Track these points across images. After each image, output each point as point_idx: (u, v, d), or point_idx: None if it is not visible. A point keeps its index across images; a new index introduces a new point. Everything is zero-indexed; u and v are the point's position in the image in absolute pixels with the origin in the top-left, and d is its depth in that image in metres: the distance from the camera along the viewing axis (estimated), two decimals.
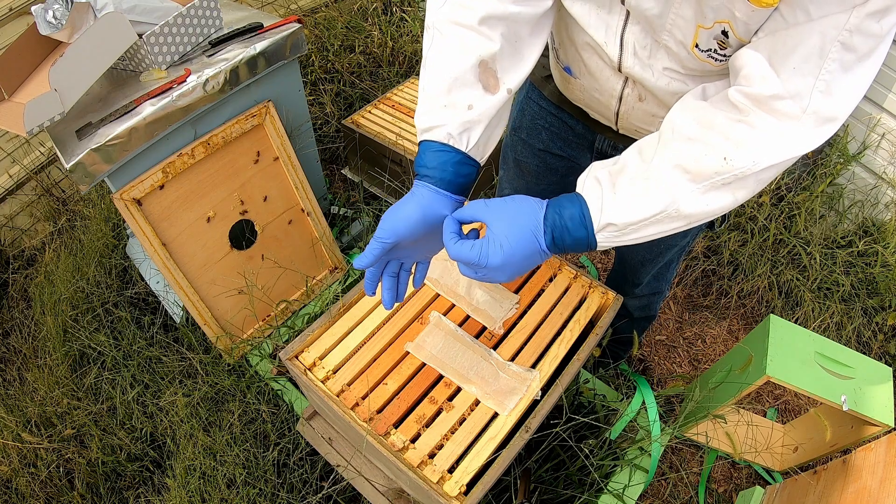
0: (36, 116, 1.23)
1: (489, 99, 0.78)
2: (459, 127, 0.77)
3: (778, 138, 0.65)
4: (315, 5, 2.77)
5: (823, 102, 0.63)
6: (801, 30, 0.61)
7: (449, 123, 0.76)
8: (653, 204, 0.71)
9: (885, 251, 1.97)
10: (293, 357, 1.06)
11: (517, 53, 0.80)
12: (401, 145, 1.97)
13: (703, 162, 0.68)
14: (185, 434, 1.51)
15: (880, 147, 2.04)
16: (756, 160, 0.66)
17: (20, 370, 1.86)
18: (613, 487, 1.35)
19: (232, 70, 1.44)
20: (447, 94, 0.77)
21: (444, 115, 0.77)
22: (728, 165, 0.67)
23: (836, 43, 0.60)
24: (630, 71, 0.82)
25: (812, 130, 0.64)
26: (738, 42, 0.69)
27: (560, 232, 0.75)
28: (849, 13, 0.58)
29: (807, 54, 0.61)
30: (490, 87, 0.78)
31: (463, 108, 0.77)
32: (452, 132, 0.77)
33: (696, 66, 0.76)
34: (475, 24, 0.76)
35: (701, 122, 0.69)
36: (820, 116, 0.64)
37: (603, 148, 1.13)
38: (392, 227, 0.78)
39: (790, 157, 0.66)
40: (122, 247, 1.96)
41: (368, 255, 0.79)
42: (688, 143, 0.69)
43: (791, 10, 0.61)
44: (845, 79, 0.62)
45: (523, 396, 0.99)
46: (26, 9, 1.88)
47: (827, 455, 1.52)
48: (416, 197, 0.78)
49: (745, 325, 2.12)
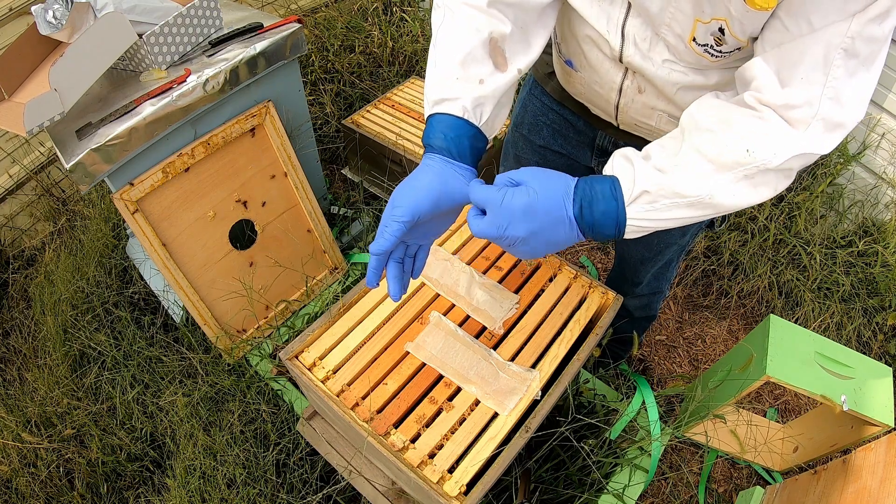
0: (36, 116, 1.22)
1: (499, 76, 0.79)
2: (473, 101, 0.76)
3: (793, 141, 0.67)
4: (315, 5, 2.77)
5: (833, 109, 0.64)
6: (805, 41, 0.63)
7: (463, 97, 0.76)
8: (689, 186, 0.70)
9: (885, 251, 1.97)
10: (293, 357, 1.06)
11: (525, 39, 0.82)
12: (401, 145, 1.97)
13: (725, 152, 0.68)
14: (185, 434, 1.51)
15: (880, 147, 2.04)
16: (776, 152, 0.66)
17: (20, 370, 1.86)
18: (613, 487, 1.35)
19: (232, 70, 1.44)
20: (460, 67, 0.76)
21: (458, 88, 0.76)
22: (750, 157, 0.67)
23: (840, 50, 0.61)
24: (631, 61, 0.84)
25: (823, 135, 0.66)
26: (735, 40, 0.71)
27: (589, 201, 0.72)
28: (849, 21, 0.60)
29: (813, 64, 0.63)
30: (499, 65, 0.79)
31: (475, 82, 0.77)
32: (467, 106, 0.76)
33: (694, 59, 0.79)
34: (484, 5, 0.77)
35: (720, 118, 0.70)
36: (830, 122, 0.65)
37: (604, 145, 1.13)
38: (412, 203, 0.73)
39: (804, 160, 0.68)
40: (122, 247, 1.96)
41: (389, 238, 0.73)
42: (710, 135, 0.70)
43: (795, 22, 0.63)
44: (852, 83, 0.64)
45: (523, 396, 0.99)
46: (26, 9, 1.88)
47: (827, 455, 1.52)
48: (432, 169, 0.75)
49: (745, 325, 2.12)
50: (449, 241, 1.22)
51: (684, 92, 0.85)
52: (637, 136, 1.05)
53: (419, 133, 2.03)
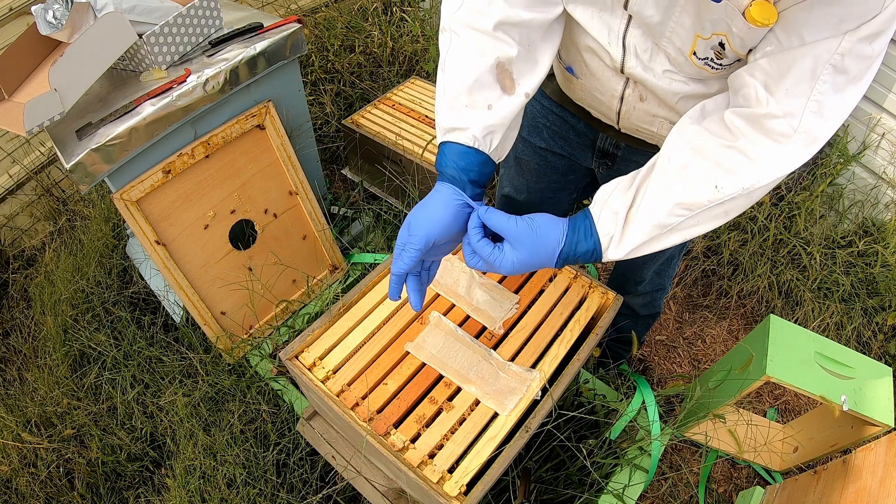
0: (36, 116, 1.22)
1: (507, 100, 0.81)
2: (483, 130, 0.80)
3: (767, 161, 0.69)
4: (315, 5, 2.77)
5: (814, 122, 0.66)
6: (794, 53, 0.64)
7: (472, 126, 0.80)
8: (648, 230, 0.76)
9: (885, 251, 1.97)
10: (293, 357, 1.06)
11: (531, 58, 0.83)
12: (400, 145, 1.97)
13: (695, 192, 0.72)
14: (185, 434, 1.51)
15: (880, 147, 2.04)
16: (745, 186, 0.69)
17: (20, 370, 1.86)
18: (613, 487, 1.35)
19: (232, 70, 1.44)
20: (468, 94, 0.79)
21: (467, 116, 0.80)
22: (719, 193, 0.71)
23: (828, 66, 0.62)
24: (632, 72, 0.84)
25: (801, 150, 0.68)
26: (734, 54, 0.72)
27: (573, 260, 0.82)
28: (840, 38, 0.60)
29: (799, 76, 0.64)
30: (507, 87, 0.81)
31: (483, 108, 0.80)
32: (477, 135, 0.80)
33: (694, 71, 0.79)
34: (490, 29, 0.78)
35: (694, 148, 0.73)
36: (809, 136, 0.67)
37: (604, 146, 1.13)
38: (425, 232, 0.80)
39: (778, 177, 0.70)
40: (122, 247, 1.96)
41: (408, 262, 0.81)
42: (681, 172, 0.73)
43: (786, 35, 0.64)
44: (836, 99, 0.64)
45: (523, 396, 0.99)
46: (26, 9, 1.88)
47: (827, 455, 1.52)
48: (443, 199, 0.81)
49: (745, 325, 2.12)
50: None
51: (685, 100, 0.85)
52: (638, 139, 1.05)
53: (419, 133, 2.03)
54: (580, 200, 1.41)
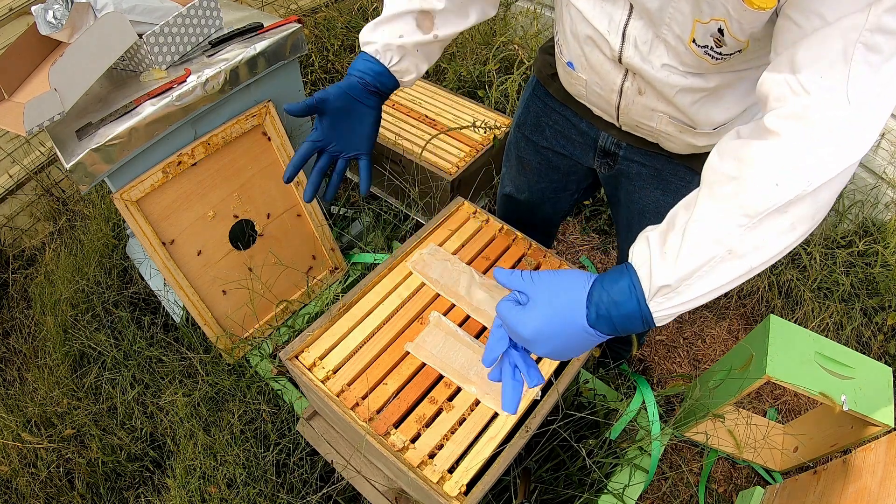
0: (36, 116, 1.22)
1: (418, 35, 0.94)
2: (385, 47, 0.94)
3: (824, 152, 0.60)
4: (315, 5, 2.77)
5: (856, 109, 0.59)
6: (819, 35, 0.58)
7: (378, 42, 0.94)
8: (702, 251, 0.63)
9: (885, 251, 1.97)
10: (293, 357, 1.06)
11: (462, 12, 0.96)
12: (400, 145, 1.97)
13: (751, 196, 0.62)
14: (185, 434, 1.51)
15: (880, 147, 2.04)
16: (810, 179, 0.60)
17: (20, 370, 1.86)
18: (613, 487, 1.35)
19: (232, 70, 1.44)
20: (387, 22, 0.94)
21: (377, 36, 0.94)
22: (780, 191, 0.60)
23: (859, 45, 0.56)
24: (630, 62, 0.85)
25: (852, 138, 0.60)
26: (734, 41, 0.71)
27: (607, 308, 0.67)
28: (866, 12, 0.55)
29: (831, 61, 0.58)
30: (424, 28, 0.95)
31: (395, 36, 0.94)
32: (379, 49, 0.95)
33: (694, 62, 0.79)
34: None
35: (739, 159, 0.64)
36: (856, 123, 0.60)
37: (606, 146, 1.13)
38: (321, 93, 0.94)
39: (840, 168, 0.60)
40: (122, 247, 1.96)
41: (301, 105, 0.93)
42: (731, 183, 0.64)
43: (806, 18, 0.59)
44: (875, 81, 0.58)
45: (523, 396, 0.99)
46: (26, 9, 1.88)
47: (827, 455, 1.52)
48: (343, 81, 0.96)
49: (745, 325, 2.12)
50: (449, 241, 1.22)
51: (683, 94, 0.85)
52: (639, 138, 1.05)
53: (419, 133, 2.03)
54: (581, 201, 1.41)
